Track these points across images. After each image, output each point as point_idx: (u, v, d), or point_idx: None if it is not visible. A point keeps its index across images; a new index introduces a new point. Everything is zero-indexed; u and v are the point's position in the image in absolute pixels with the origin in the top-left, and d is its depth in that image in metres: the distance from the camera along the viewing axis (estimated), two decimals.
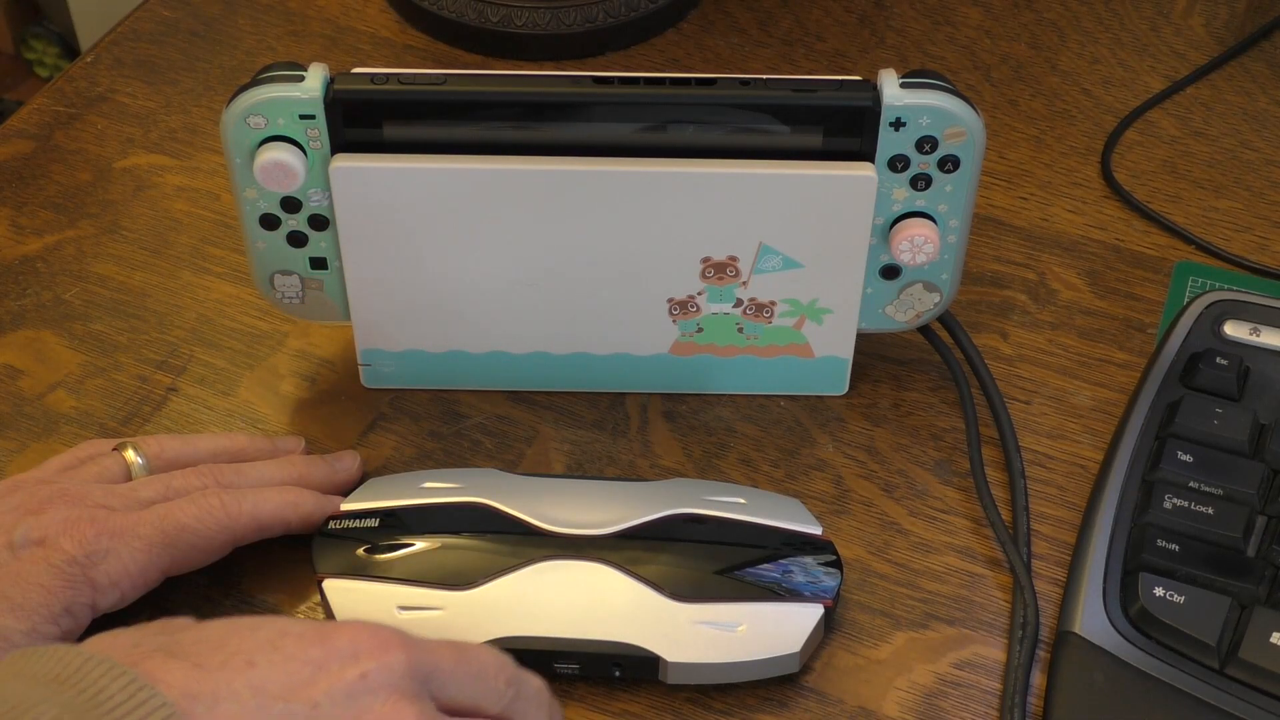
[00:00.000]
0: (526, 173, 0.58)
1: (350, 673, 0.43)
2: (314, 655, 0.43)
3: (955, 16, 0.83)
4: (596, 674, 0.55)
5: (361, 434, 0.63)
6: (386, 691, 0.43)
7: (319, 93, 0.56)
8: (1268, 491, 0.58)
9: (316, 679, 0.42)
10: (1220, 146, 0.76)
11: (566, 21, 0.79)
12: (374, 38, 0.81)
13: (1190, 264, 0.70)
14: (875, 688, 0.56)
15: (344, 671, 0.43)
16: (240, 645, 0.43)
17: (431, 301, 0.62)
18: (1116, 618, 0.56)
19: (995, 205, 0.73)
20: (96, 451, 0.58)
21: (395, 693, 0.43)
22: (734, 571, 0.55)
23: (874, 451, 0.63)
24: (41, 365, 0.66)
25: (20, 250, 0.70)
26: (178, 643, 0.43)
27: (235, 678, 0.41)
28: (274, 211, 0.59)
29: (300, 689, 0.42)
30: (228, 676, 0.41)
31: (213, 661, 0.42)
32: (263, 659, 0.42)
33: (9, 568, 0.51)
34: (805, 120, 0.57)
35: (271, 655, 0.43)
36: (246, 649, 0.43)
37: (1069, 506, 0.61)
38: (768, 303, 0.62)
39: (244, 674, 0.42)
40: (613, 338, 0.63)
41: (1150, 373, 0.63)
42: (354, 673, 0.43)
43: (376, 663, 0.43)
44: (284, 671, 0.42)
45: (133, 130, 0.76)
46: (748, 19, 0.82)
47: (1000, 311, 0.68)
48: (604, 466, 0.63)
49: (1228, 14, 0.82)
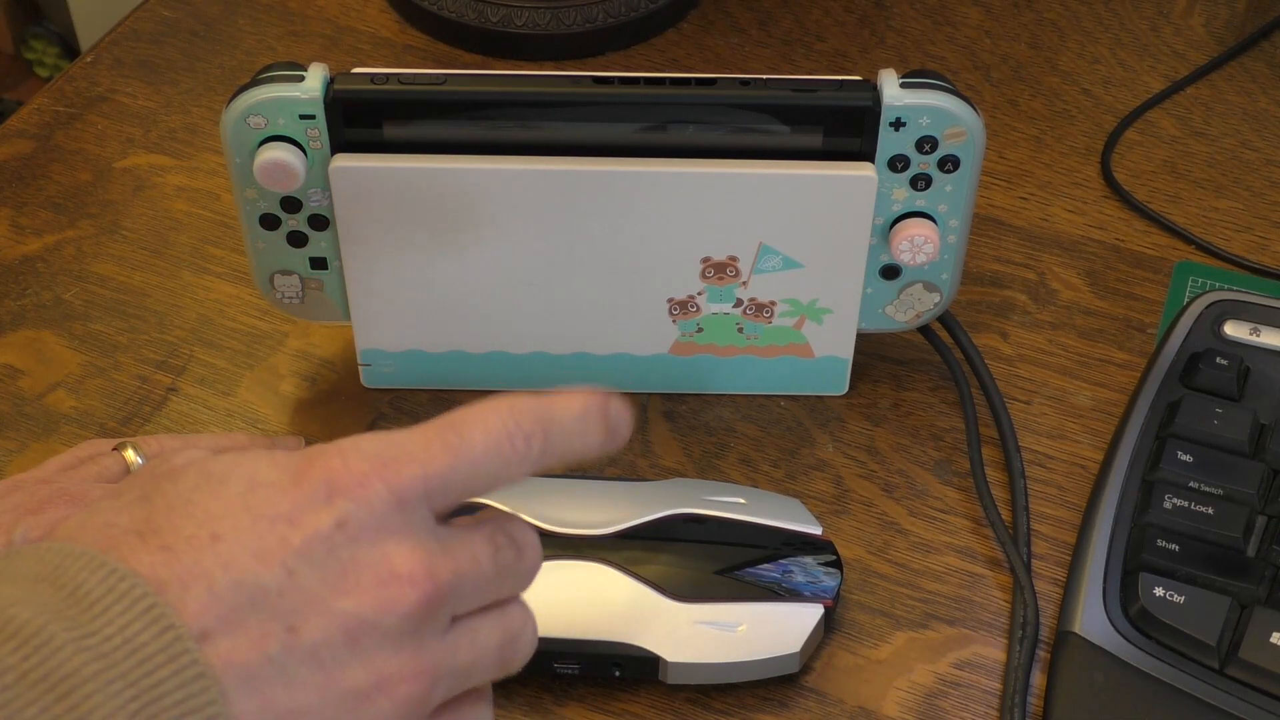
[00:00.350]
0: (526, 173, 0.58)
1: (325, 521, 0.39)
2: (284, 509, 0.39)
3: (955, 16, 0.83)
4: (596, 674, 0.55)
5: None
6: (369, 535, 0.39)
7: (319, 93, 0.56)
8: (1268, 491, 0.58)
9: (289, 537, 0.39)
10: (1220, 146, 0.76)
11: (566, 21, 0.79)
12: (374, 38, 0.81)
13: (1190, 264, 0.70)
14: (875, 688, 0.56)
15: (318, 520, 0.39)
16: (207, 512, 0.39)
17: (431, 301, 0.62)
18: (1116, 618, 0.56)
19: (995, 205, 0.73)
20: (96, 451, 0.58)
21: (379, 533, 0.39)
22: (734, 571, 0.55)
23: (874, 451, 0.63)
24: (41, 365, 0.66)
25: (20, 250, 0.70)
26: (149, 517, 0.40)
27: (203, 556, 0.38)
28: (274, 211, 0.59)
29: (272, 556, 0.38)
30: (195, 555, 0.38)
31: (178, 539, 0.39)
32: (228, 527, 0.39)
33: None
34: (805, 120, 0.57)
35: (239, 519, 0.39)
36: (213, 516, 0.39)
37: (1069, 506, 0.61)
38: (768, 303, 0.62)
39: (211, 549, 0.38)
40: (613, 338, 0.63)
41: (1150, 373, 0.63)
42: (329, 520, 0.39)
43: (353, 501, 0.39)
44: (253, 536, 0.39)
45: (133, 130, 0.76)
46: (748, 19, 0.82)
47: (1000, 311, 0.68)
48: (604, 466, 0.63)
49: (1228, 14, 0.82)
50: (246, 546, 0.39)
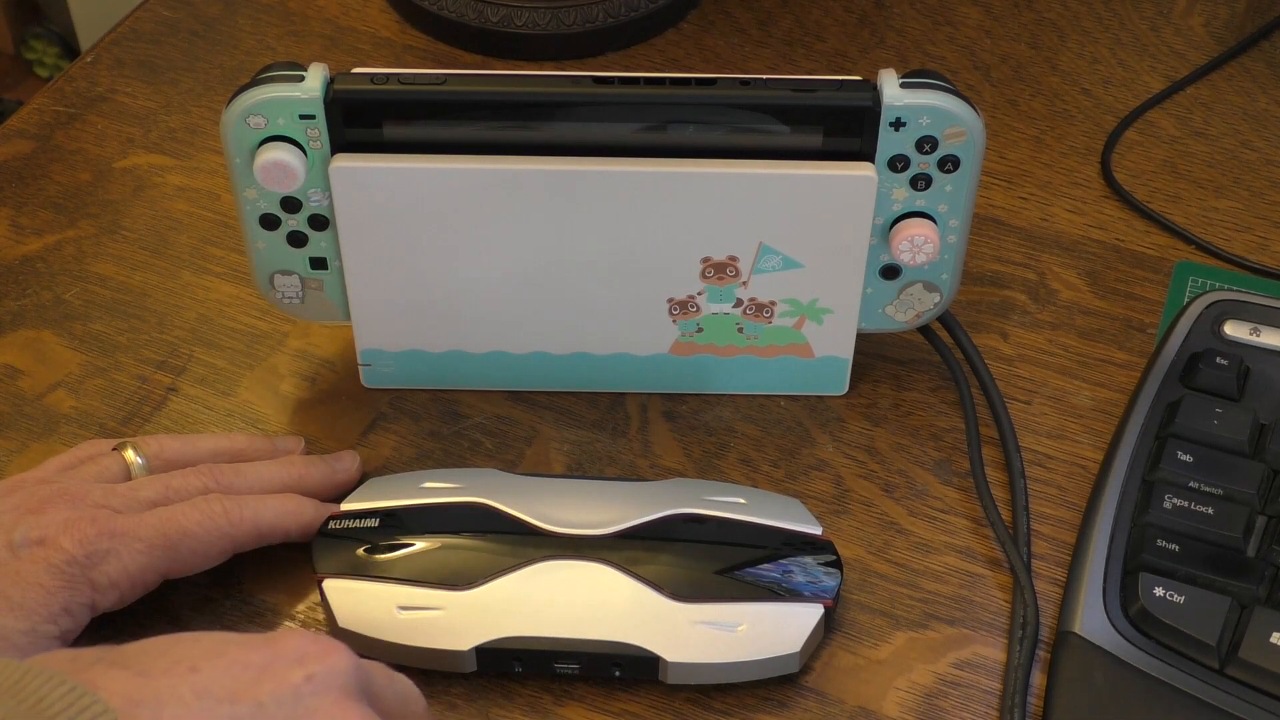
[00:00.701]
0: (527, 173, 0.58)
1: (295, 675, 0.43)
2: (258, 659, 0.43)
3: (955, 16, 0.83)
4: (596, 674, 0.55)
5: (361, 434, 0.63)
6: (333, 693, 0.43)
7: (319, 93, 0.56)
8: (1268, 491, 0.58)
9: (261, 680, 0.43)
10: (1220, 146, 0.76)
11: (566, 21, 0.79)
12: (374, 38, 0.81)
13: (1190, 264, 0.70)
14: (875, 688, 0.56)
15: (289, 674, 0.43)
16: (183, 653, 0.43)
17: (431, 301, 0.62)
18: (1116, 618, 0.56)
19: (995, 205, 0.73)
20: (96, 451, 0.58)
21: (341, 693, 0.43)
22: (734, 571, 0.55)
23: (874, 451, 0.63)
24: (41, 365, 0.66)
25: (20, 250, 0.70)
26: (120, 653, 0.43)
27: (179, 683, 0.42)
28: (274, 211, 0.59)
29: (245, 690, 0.42)
30: (171, 682, 0.42)
31: (155, 668, 0.42)
32: (206, 665, 0.43)
33: (9, 567, 0.51)
34: (805, 120, 0.57)
35: (215, 661, 0.43)
36: (190, 656, 0.43)
37: (1069, 506, 0.61)
38: (768, 303, 0.62)
39: (187, 679, 0.42)
40: (613, 338, 0.63)
41: (1150, 373, 0.63)
42: (299, 675, 0.43)
43: (322, 665, 0.44)
44: (228, 675, 0.42)
45: (133, 130, 0.76)
46: (748, 19, 0.82)
47: (1000, 311, 0.68)
48: (604, 466, 0.63)
49: (1228, 14, 0.82)
50: (223, 681, 0.42)
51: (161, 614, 0.57)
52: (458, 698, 0.55)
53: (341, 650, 0.44)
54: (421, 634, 0.54)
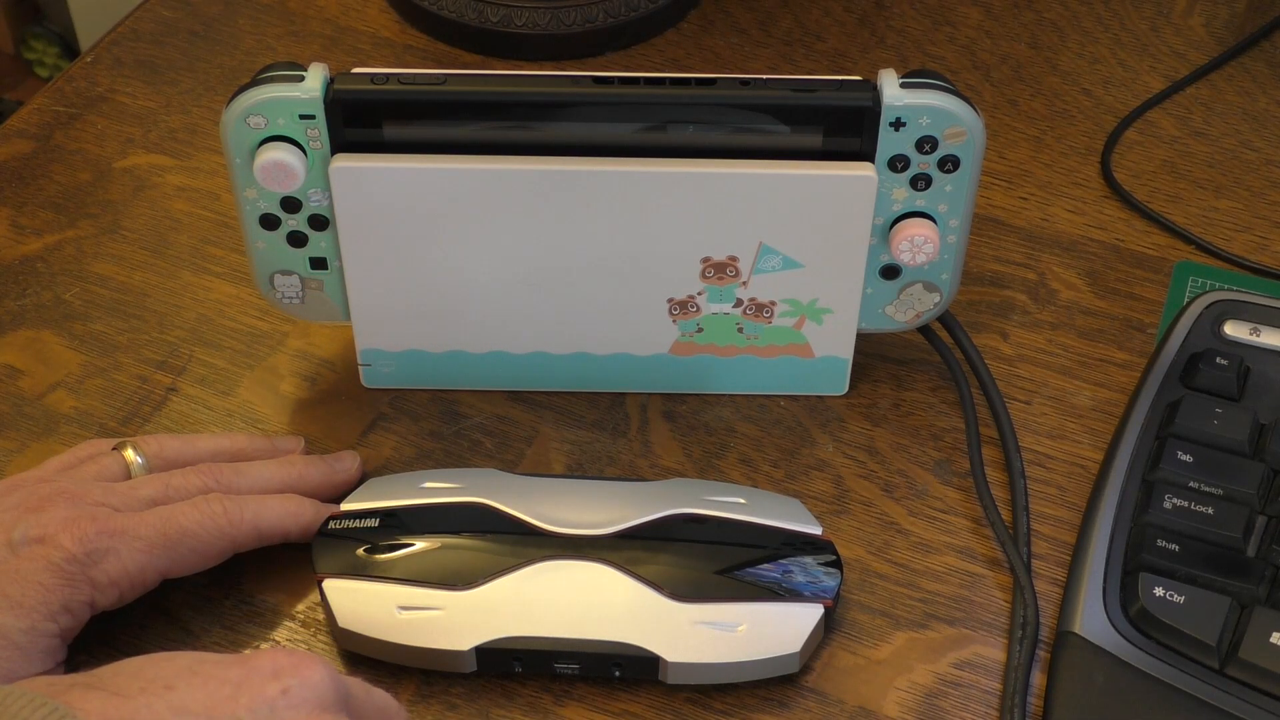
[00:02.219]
0: (527, 173, 0.58)
1: (271, 689, 0.43)
2: (234, 676, 0.44)
3: (955, 16, 0.83)
4: (596, 674, 0.55)
5: (361, 434, 0.63)
6: (309, 706, 0.44)
7: (319, 93, 0.56)
8: (1268, 491, 0.58)
9: (238, 696, 0.43)
10: (1220, 146, 0.76)
11: (566, 21, 0.79)
12: (374, 38, 0.81)
13: (1190, 264, 0.70)
14: (875, 688, 0.56)
15: (265, 688, 0.44)
16: (158, 673, 0.43)
17: (431, 301, 0.62)
18: (1116, 618, 0.56)
19: (995, 205, 0.73)
20: (96, 451, 0.58)
21: (318, 706, 0.44)
22: (734, 571, 0.55)
23: (874, 451, 0.63)
24: (41, 365, 0.66)
25: (20, 250, 0.70)
26: (95, 676, 0.43)
27: (155, 701, 0.42)
28: (274, 211, 0.59)
29: (222, 705, 0.43)
30: (148, 700, 0.42)
31: (131, 688, 0.43)
32: (181, 683, 0.43)
33: (9, 565, 0.51)
34: (805, 120, 0.57)
35: (190, 679, 0.43)
36: (165, 675, 0.43)
37: (1069, 506, 0.61)
38: (768, 303, 0.62)
39: (164, 697, 0.42)
40: (613, 338, 0.63)
41: (1150, 373, 0.63)
42: (275, 689, 0.43)
43: (297, 679, 0.44)
44: (204, 691, 0.43)
45: (133, 130, 0.76)
46: (748, 19, 0.82)
47: (1000, 311, 0.68)
48: (604, 466, 0.63)
49: (1228, 14, 0.82)
50: (199, 697, 0.43)
51: (161, 614, 0.57)
52: (458, 698, 0.55)
53: (317, 664, 0.45)
54: (421, 634, 0.54)
